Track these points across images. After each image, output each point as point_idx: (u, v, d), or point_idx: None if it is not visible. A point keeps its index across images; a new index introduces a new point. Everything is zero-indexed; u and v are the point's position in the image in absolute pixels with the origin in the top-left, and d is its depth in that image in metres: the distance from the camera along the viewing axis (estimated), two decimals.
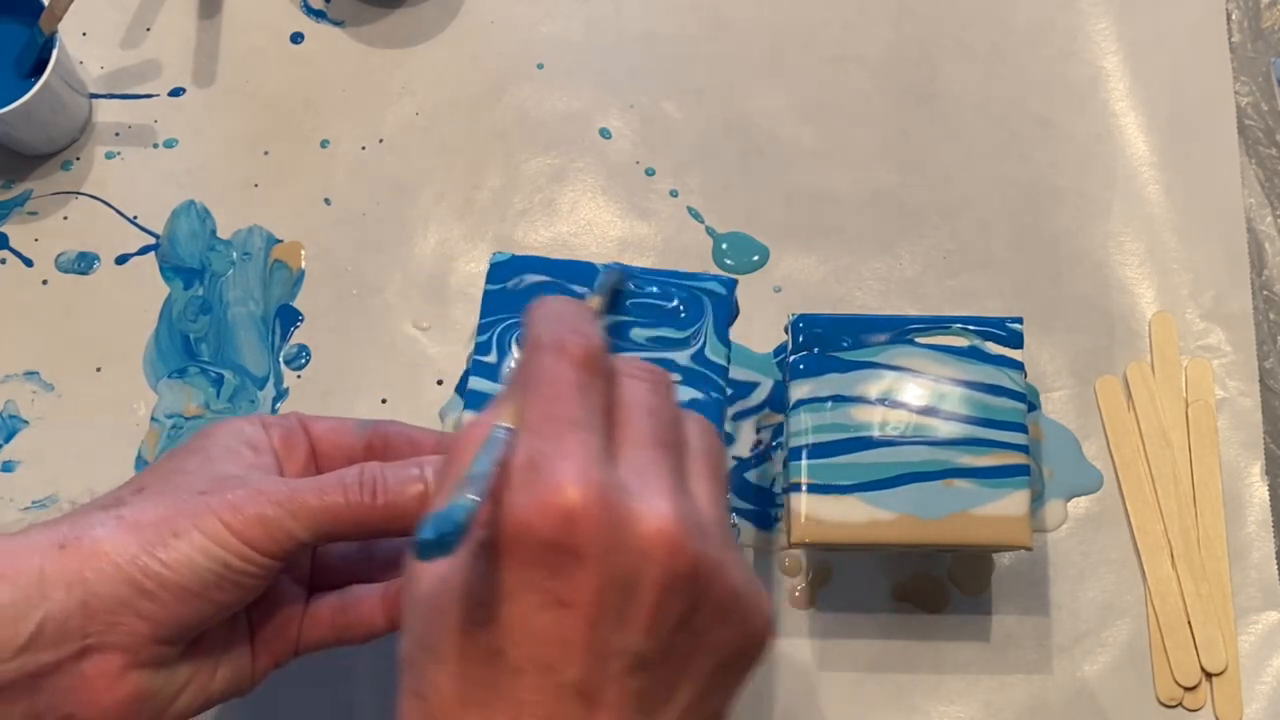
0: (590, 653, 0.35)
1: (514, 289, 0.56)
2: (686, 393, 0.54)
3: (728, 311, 0.56)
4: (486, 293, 0.56)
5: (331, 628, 0.49)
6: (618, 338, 0.55)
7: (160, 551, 0.43)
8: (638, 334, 0.55)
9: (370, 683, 0.62)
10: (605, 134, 0.71)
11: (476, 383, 0.54)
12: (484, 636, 0.36)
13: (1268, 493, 0.64)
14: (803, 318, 0.58)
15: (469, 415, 0.54)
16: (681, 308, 0.55)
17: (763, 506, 0.64)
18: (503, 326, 0.55)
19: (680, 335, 0.55)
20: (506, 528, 0.35)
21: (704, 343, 0.55)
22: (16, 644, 0.42)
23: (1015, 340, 0.57)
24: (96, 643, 0.42)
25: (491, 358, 0.55)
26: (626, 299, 0.55)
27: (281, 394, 0.67)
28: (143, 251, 0.70)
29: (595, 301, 0.52)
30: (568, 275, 0.56)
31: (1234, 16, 0.72)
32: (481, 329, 0.55)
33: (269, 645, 0.48)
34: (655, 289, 0.55)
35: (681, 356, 0.54)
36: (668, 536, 0.35)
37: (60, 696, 0.43)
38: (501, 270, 0.56)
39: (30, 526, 0.44)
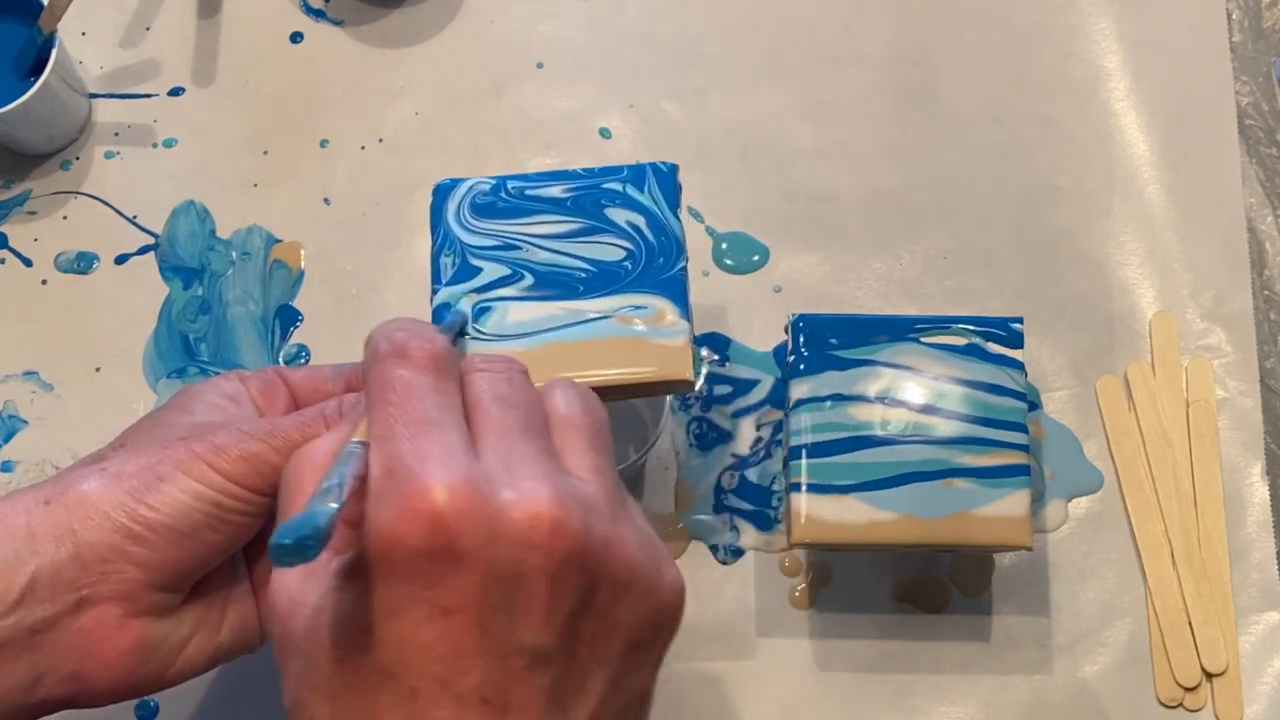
0: (486, 657, 0.33)
1: (459, 208, 0.55)
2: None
3: (674, 191, 0.55)
4: (435, 218, 0.54)
5: None
6: (584, 205, 0.54)
7: (147, 496, 0.42)
8: (613, 213, 0.54)
9: None
10: (605, 134, 0.71)
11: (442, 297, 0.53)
12: (371, 662, 0.34)
13: (1268, 493, 0.64)
14: (803, 318, 0.58)
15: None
16: (629, 188, 0.54)
17: (762, 506, 0.64)
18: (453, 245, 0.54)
19: (632, 212, 0.54)
20: (374, 542, 0.33)
21: (660, 216, 0.54)
22: (9, 599, 0.41)
23: (1016, 340, 0.57)
24: (92, 594, 0.42)
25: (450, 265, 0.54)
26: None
27: None
28: (142, 251, 0.70)
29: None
30: (515, 189, 0.55)
31: (1234, 16, 0.72)
32: (435, 256, 0.54)
33: None
34: (602, 179, 0.55)
35: (638, 219, 0.54)
36: (546, 520, 0.34)
37: (62, 654, 0.42)
38: (444, 195, 0.55)
39: (13, 491, 0.44)
